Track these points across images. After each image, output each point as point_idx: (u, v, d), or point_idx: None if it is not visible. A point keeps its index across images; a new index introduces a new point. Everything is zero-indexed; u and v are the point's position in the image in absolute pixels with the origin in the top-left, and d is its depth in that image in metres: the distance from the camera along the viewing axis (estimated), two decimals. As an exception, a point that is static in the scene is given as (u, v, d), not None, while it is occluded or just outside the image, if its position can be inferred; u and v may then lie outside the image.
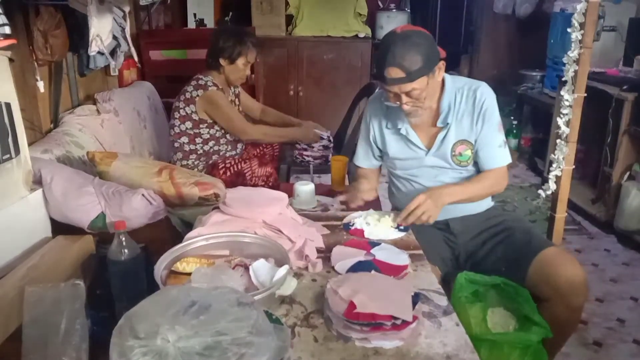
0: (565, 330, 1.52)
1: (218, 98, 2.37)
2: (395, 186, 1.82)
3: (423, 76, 1.49)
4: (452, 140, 1.64)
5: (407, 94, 1.52)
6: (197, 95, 2.35)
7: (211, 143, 2.45)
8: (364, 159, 1.85)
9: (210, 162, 2.45)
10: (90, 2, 1.98)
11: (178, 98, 2.42)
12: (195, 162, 2.45)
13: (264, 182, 2.33)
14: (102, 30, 2.16)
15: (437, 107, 1.64)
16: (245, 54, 2.39)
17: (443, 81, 1.63)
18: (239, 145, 2.57)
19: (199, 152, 2.44)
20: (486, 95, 1.62)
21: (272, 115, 2.80)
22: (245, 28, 2.68)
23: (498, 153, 1.64)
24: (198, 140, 2.42)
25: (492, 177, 1.65)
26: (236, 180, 2.30)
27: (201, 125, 2.40)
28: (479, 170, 1.70)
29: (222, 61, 2.38)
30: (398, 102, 1.56)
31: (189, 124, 2.40)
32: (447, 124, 1.63)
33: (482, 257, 1.63)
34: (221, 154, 2.49)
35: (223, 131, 2.45)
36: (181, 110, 2.39)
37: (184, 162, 2.43)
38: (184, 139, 2.42)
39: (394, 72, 1.47)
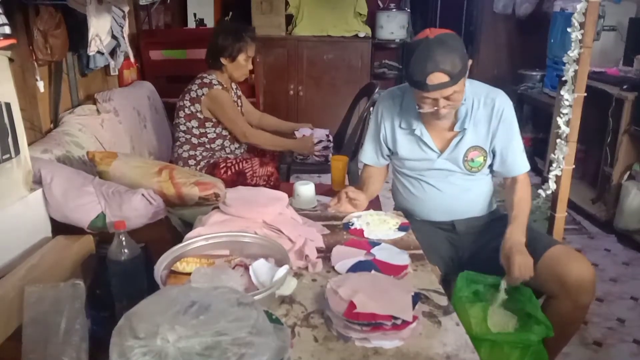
0: (569, 329, 1.52)
1: (222, 97, 2.39)
2: (401, 184, 1.80)
3: (462, 77, 1.49)
4: (466, 146, 1.64)
5: (448, 97, 1.51)
6: (203, 94, 2.36)
7: (218, 141, 2.46)
8: (372, 158, 1.83)
9: (213, 160, 2.46)
10: (89, 2, 1.98)
11: (182, 97, 2.42)
12: (203, 154, 2.44)
13: (265, 182, 2.33)
14: (101, 30, 2.16)
15: (455, 112, 1.63)
16: (245, 50, 2.41)
17: None
18: (244, 145, 2.58)
19: (206, 146, 2.45)
20: (505, 103, 1.63)
21: (270, 122, 2.82)
22: (241, 23, 2.68)
23: (523, 159, 1.66)
24: (204, 139, 2.43)
25: (526, 189, 1.65)
26: (237, 179, 2.30)
27: (207, 124, 2.42)
28: (490, 177, 1.72)
29: (223, 60, 2.40)
30: (436, 108, 1.53)
31: (194, 123, 2.41)
32: (464, 129, 1.63)
33: (487, 257, 1.62)
34: (227, 151, 2.50)
35: (228, 130, 2.47)
36: (186, 109, 2.40)
37: (191, 153, 2.43)
38: (190, 136, 2.43)
39: (438, 78, 1.45)
